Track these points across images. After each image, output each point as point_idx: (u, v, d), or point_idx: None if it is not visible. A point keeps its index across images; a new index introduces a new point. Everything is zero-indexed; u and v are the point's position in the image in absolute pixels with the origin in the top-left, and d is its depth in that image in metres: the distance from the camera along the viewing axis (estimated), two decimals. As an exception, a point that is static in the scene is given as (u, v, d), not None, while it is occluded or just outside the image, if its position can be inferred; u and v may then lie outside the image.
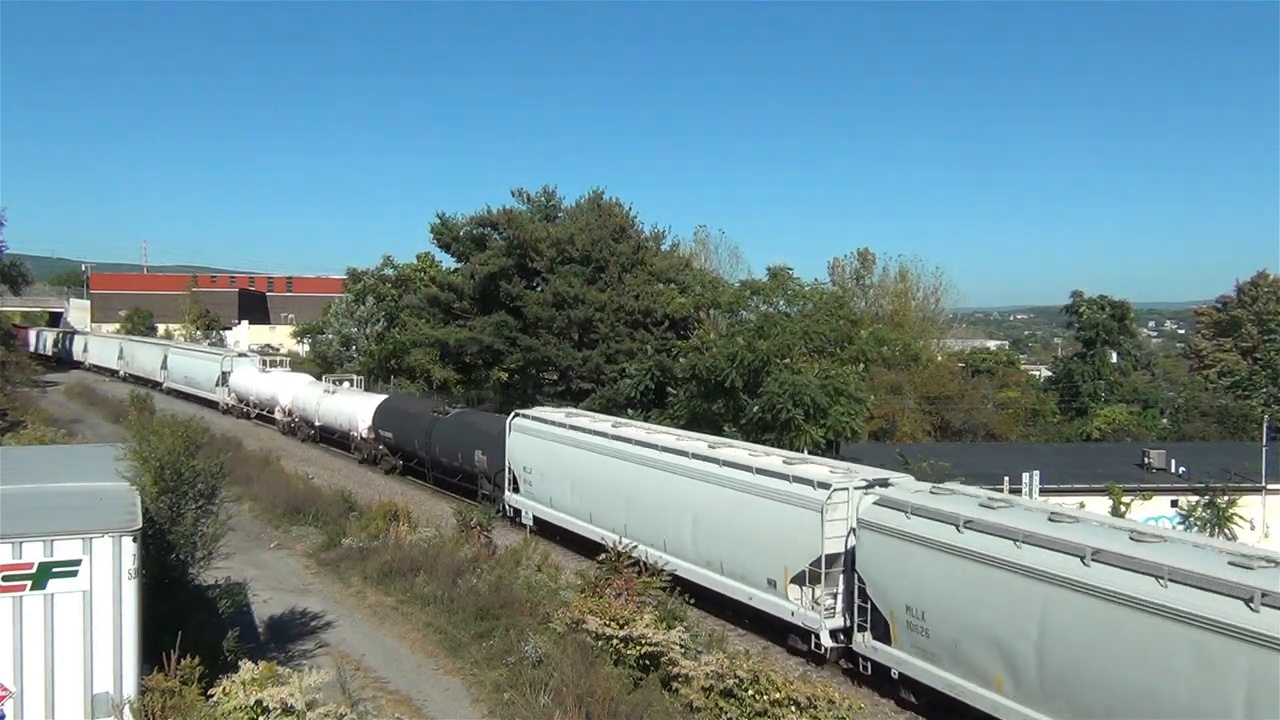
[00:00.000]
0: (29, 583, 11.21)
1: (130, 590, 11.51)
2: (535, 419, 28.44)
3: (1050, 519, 14.92)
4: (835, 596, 18.03)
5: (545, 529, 26.86)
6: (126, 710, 11.32)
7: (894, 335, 43.22)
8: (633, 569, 18.26)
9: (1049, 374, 78.33)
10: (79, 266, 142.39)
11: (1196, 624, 11.88)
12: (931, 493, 17.30)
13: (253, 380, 51.37)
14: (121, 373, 71.74)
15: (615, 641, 15.67)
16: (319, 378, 49.57)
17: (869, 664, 17.15)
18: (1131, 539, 13.67)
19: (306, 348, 77.24)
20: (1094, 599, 13.15)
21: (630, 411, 37.47)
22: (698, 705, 14.31)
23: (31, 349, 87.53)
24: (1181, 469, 46.48)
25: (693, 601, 19.47)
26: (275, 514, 28.35)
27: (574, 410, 31.24)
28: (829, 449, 32.75)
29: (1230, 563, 12.38)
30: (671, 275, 43.44)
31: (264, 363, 55.08)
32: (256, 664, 11.72)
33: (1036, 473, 32.11)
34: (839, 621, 17.97)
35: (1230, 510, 41.64)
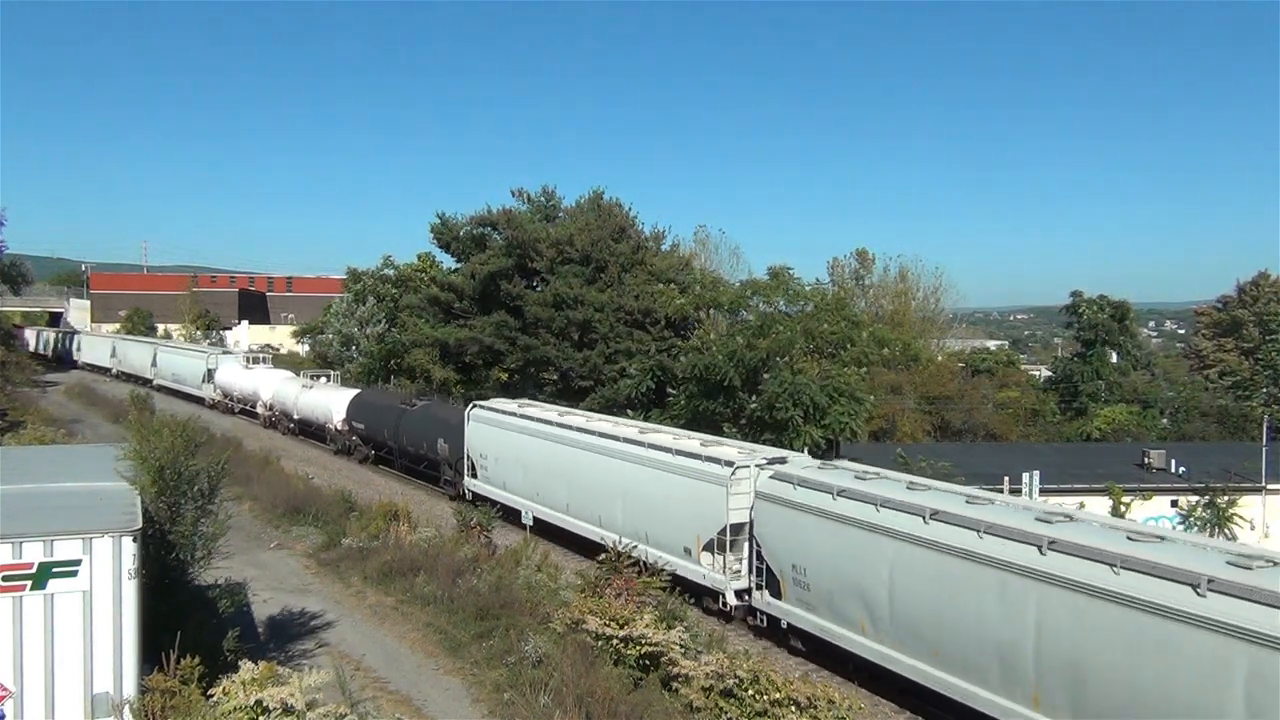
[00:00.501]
0: (29, 583, 11.22)
1: (130, 590, 11.51)
2: (491, 409, 30.75)
3: (908, 487, 17.49)
4: (740, 561, 20.26)
5: (504, 512, 28.00)
6: (126, 710, 11.32)
7: (894, 335, 43.19)
8: (633, 569, 18.28)
9: (1049, 374, 78.30)
10: (79, 266, 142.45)
11: (1001, 567, 14.45)
12: (819, 468, 19.85)
13: (236, 376, 53.22)
14: (114, 370, 73.12)
15: (615, 641, 15.67)
16: (297, 374, 51.30)
17: (765, 618, 19.47)
18: (967, 502, 16.29)
19: (306, 348, 77.25)
20: (930, 551, 15.69)
21: (630, 412, 37.48)
22: (698, 705, 14.31)
23: (31, 349, 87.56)
24: (1181, 469, 46.48)
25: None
26: (275, 514, 28.35)
27: (526, 401, 33.15)
28: (829, 449, 32.75)
29: (1036, 518, 14.94)
30: (671, 275, 43.44)
31: (247, 360, 56.56)
32: (256, 664, 11.72)
33: (1036, 473, 32.13)
34: (743, 583, 20.15)
35: (1230, 510, 41.66)
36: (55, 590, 11.28)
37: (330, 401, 42.23)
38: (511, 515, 27.35)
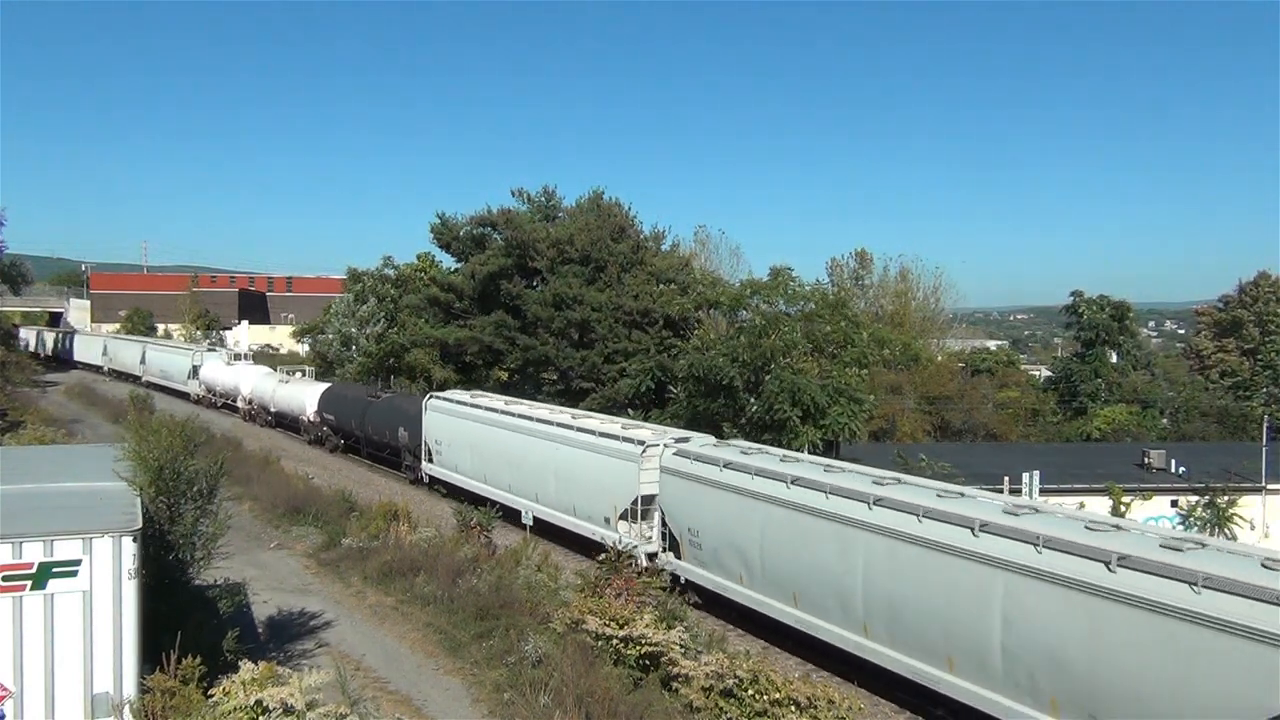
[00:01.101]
0: (29, 583, 11.22)
1: (130, 590, 11.51)
2: (445, 400, 33.50)
3: (781, 460, 20.27)
4: (651, 528, 22.90)
5: (453, 491, 31.46)
6: (126, 710, 11.32)
7: (894, 336, 43.19)
8: (632, 569, 18.28)
9: (1049, 374, 78.29)
10: (79, 266, 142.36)
11: (841, 521, 17.26)
12: (714, 445, 22.74)
13: (219, 373, 55.74)
14: (105, 368, 75.26)
15: (615, 641, 15.67)
16: (290, 373, 53.26)
17: (669, 575, 21.71)
18: (825, 470, 19.02)
19: (306, 348, 77.28)
20: (790, 510, 18.49)
21: (630, 412, 37.49)
22: (698, 705, 14.30)
23: (31, 349, 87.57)
24: (1181, 469, 46.45)
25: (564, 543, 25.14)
26: (275, 514, 28.34)
27: (479, 392, 35.74)
28: (828, 449, 32.75)
29: (873, 481, 17.73)
30: (671, 275, 43.46)
31: (230, 357, 58.97)
32: (256, 664, 11.72)
33: (1036, 473, 32.13)
34: (653, 547, 22.74)
35: (1230, 510, 41.63)
36: (55, 590, 11.28)
37: (303, 395, 44.78)
38: (463, 494, 30.40)
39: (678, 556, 21.83)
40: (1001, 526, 14.82)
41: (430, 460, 33.32)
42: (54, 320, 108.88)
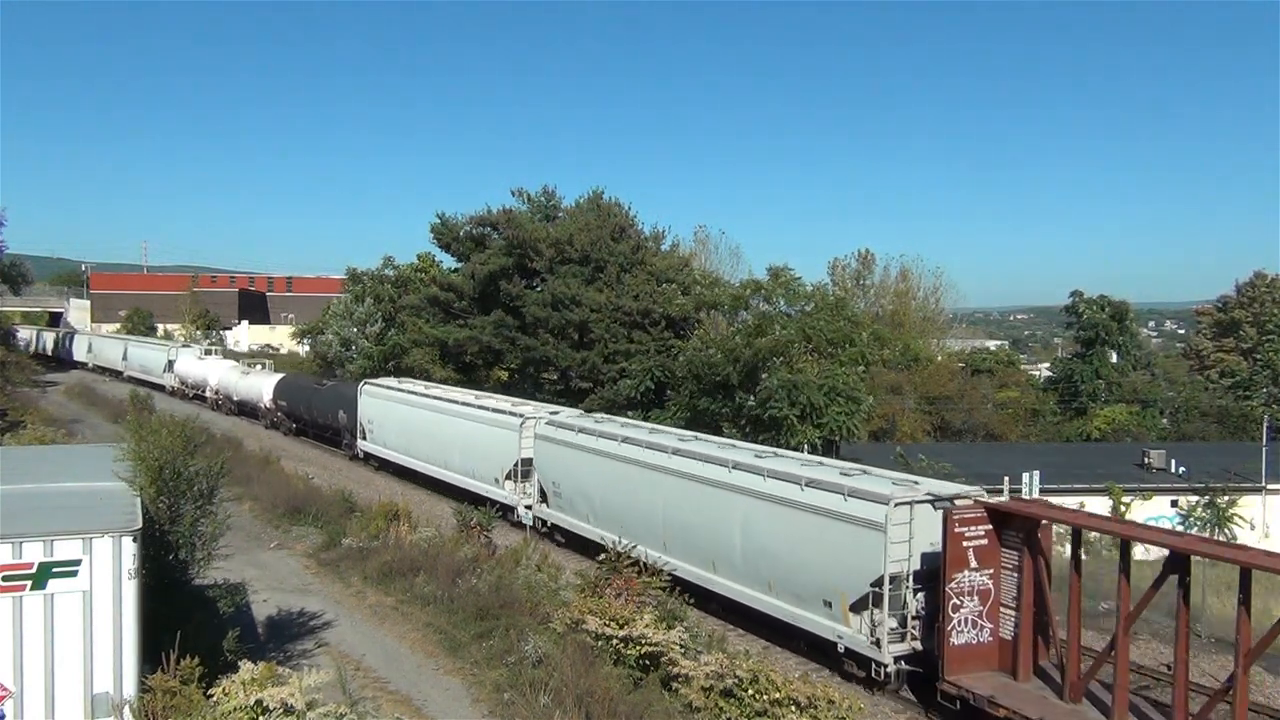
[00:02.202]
0: (29, 583, 11.20)
1: (130, 590, 11.50)
2: (377, 386, 38.93)
3: (621, 426, 26.16)
4: (531, 485, 27.94)
5: (386, 465, 36.98)
6: (126, 710, 11.32)
7: (894, 335, 43.17)
8: (632, 568, 18.28)
9: (1049, 374, 78.28)
10: (79, 266, 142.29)
11: (652, 468, 22.65)
12: (578, 417, 28.50)
13: (191, 366, 60.53)
14: (90, 364, 79.84)
15: (615, 641, 15.67)
16: (251, 366, 58.37)
17: (541, 521, 27.24)
18: (650, 432, 25.13)
19: (306, 348, 77.31)
20: (619, 462, 23.80)
21: (630, 412, 37.50)
22: (697, 705, 14.30)
23: (31, 349, 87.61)
24: (1181, 469, 46.46)
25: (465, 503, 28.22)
26: (275, 514, 28.33)
27: (406, 380, 41.17)
28: (828, 449, 32.75)
29: (679, 439, 23.82)
30: (671, 275, 43.46)
31: (201, 352, 63.80)
32: (256, 664, 11.71)
33: (1036, 473, 32.00)
34: (530, 500, 27.88)
35: (1230, 510, 41.63)
36: (55, 590, 11.27)
37: (261, 385, 49.89)
38: (390, 466, 36.53)
39: (547, 506, 27.24)
40: (747, 464, 20.19)
41: (364, 438, 38.53)
42: (54, 320, 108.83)
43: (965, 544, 16.01)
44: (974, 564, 16.09)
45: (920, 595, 16.61)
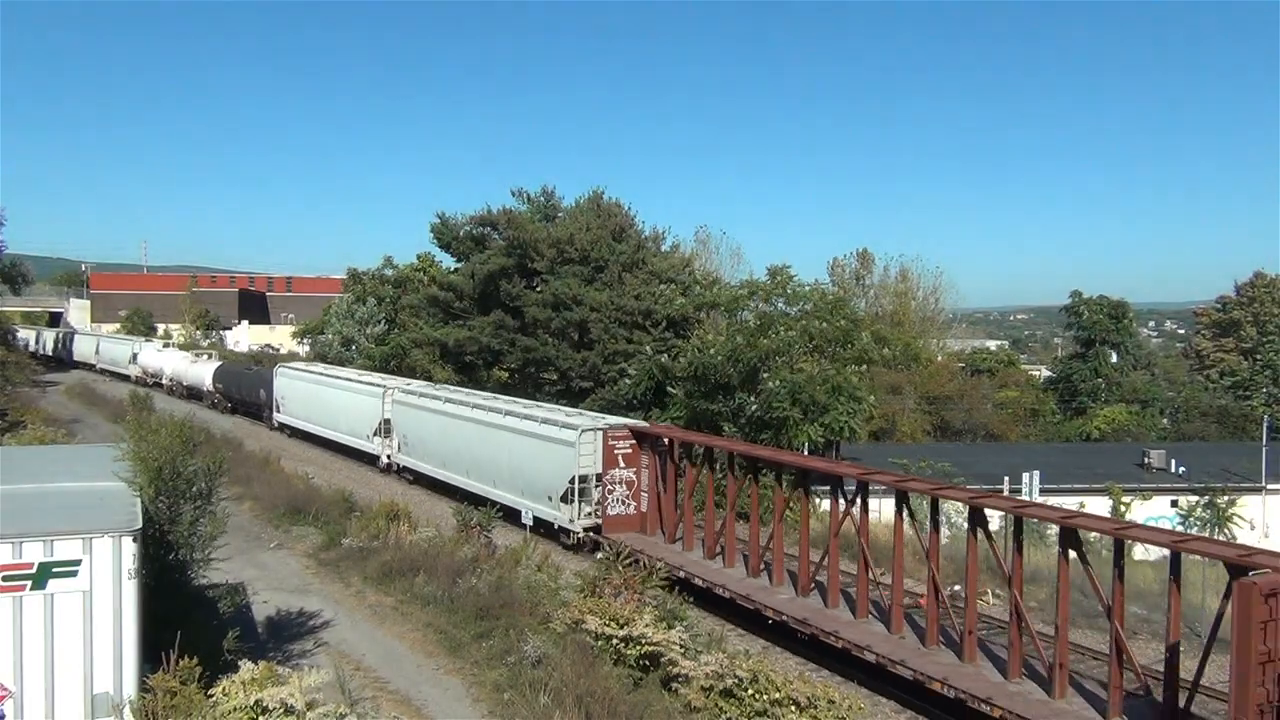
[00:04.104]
0: (29, 583, 11.20)
1: (130, 590, 11.50)
2: (288, 368, 49.32)
3: (446, 392, 35.26)
4: (392, 439, 36.79)
5: (296, 433, 45.47)
6: (126, 710, 11.32)
7: (894, 335, 43.16)
8: (631, 568, 18.29)
9: (1049, 374, 78.30)
10: (79, 266, 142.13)
11: (462, 419, 31.67)
12: (423, 386, 38.21)
13: (151, 358, 68.30)
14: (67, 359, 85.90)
15: (615, 641, 15.67)
16: (198, 356, 65.61)
17: (400, 466, 36.14)
18: (466, 395, 33.81)
19: (307, 348, 77.36)
20: (444, 417, 32.90)
21: (630, 413, 37.49)
22: (697, 705, 14.29)
23: (31, 349, 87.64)
24: (1181, 469, 46.46)
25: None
26: (275, 514, 28.33)
27: (315, 364, 53.63)
28: (828, 449, 32.74)
29: (481, 399, 32.49)
30: (672, 275, 43.43)
31: (160, 345, 72.63)
32: (256, 664, 11.72)
33: (1036, 473, 32.02)
34: (392, 450, 36.84)
35: (1230, 510, 41.61)
36: (55, 590, 11.27)
37: (204, 372, 58.26)
38: (298, 433, 45.32)
39: (400, 454, 36.23)
40: (512, 413, 29.50)
41: (278, 411, 47.28)
42: (54, 320, 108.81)
43: (616, 452, 25.50)
44: (622, 464, 25.59)
45: (598, 488, 25.33)
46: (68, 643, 11.29)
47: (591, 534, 25.04)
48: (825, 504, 26.95)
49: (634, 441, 25.51)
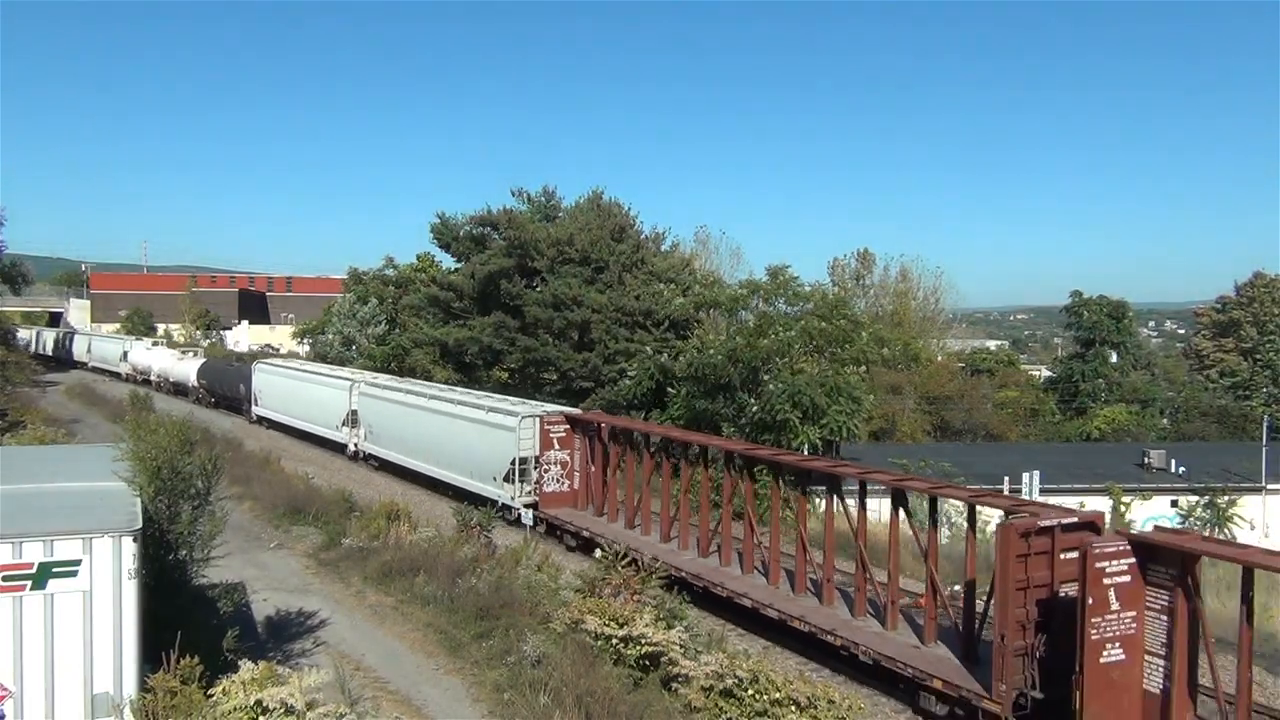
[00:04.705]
0: (29, 583, 11.20)
1: (130, 590, 11.49)
2: (266, 364, 52.91)
3: (406, 384, 38.93)
4: (359, 429, 39.19)
5: (273, 425, 48.07)
6: (127, 710, 11.32)
7: (894, 335, 43.15)
8: (630, 568, 18.28)
9: (1049, 374, 78.29)
10: (79, 266, 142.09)
11: (421, 409, 34.43)
12: (387, 379, 41.76)
13: (141, 356, 70.78)
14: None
15: (615, 641, 15.66)
16: (184, 354, 68.71)
17: (366, 454, 38.66)
18: (425, 388, 37.27)
19: (307, 348, 77.37)
20: (405, 407, 35.47)
21: (631, 412, 37.49)
22: (697, 705, 14.29)
23: (31, 349, 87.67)
24: (1181, 469, 46.44)
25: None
26: (275, 514, 28.32)
27: (290, 359, 59.63)
28: (828, 449, 32.73)
29: (439, 390, 36.38)
30: (672, 275, 43.43)
31: (150, 344, 74.80)
32: (256, 664, 11.71)
33: (1036, 473, 32.09)
34: (359, 439, 39.23)
35: (1230, 510, 41.61)
36: (55, 590, 11.26)
37: (189, 369, 61.08)
38: (275, 425, 47.83)
39: (367, 442, 38.68)
40: (463, 403, 32.52)
41: (257, 405, 49.76)
42: (54, 320, 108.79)
43: (551, 436, 27.89)
44: (557, 447, 27.92)
45: (536, 469, 27.92)
46: (68, 643, 11.28)
47: (530, 509, 27.58)
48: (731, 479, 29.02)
49: (568, 426, 28.09)
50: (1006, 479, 36.47)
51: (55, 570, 11.27)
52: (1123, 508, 40.99)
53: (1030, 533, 14.59)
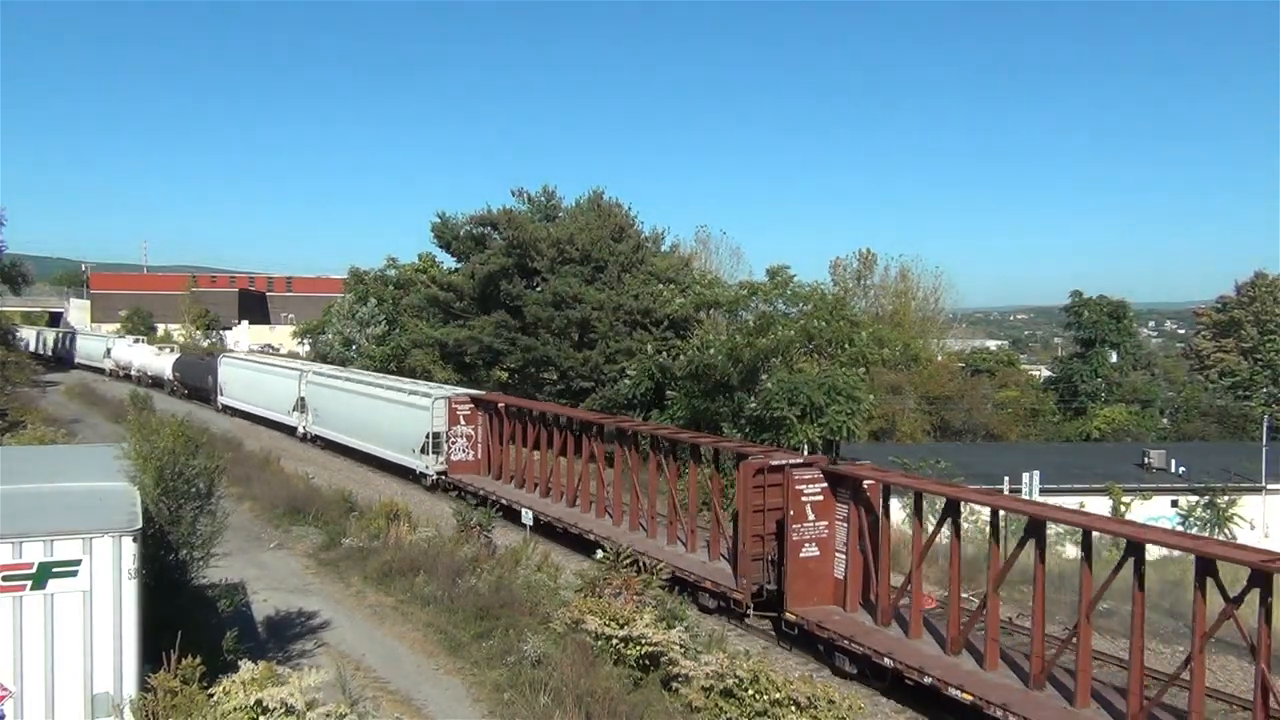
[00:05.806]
0: (29, 583, 11.19)
1: (130, 590, 11.49)
2: (230, 357, 58.70)
3: (345, 373, 45.34)
4: (307, 413, 43.89)
5: (236, 412, 52.26)
6: (127, 710, 11.32)
7: (894, 335, 43.14)
8: (631, 568, 18.30)
9: (1049, 374, 78.26)
10: (79, 266, 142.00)
11: (353, 393, 40.82)
12: (330, 368, 47.68)
13: (123, 352, 74.96)
14: (49, 355, 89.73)
15: (615, 641, 15.66)
16: (161, 349, 72.89)
17: (312, 435, 43.29)
18: (361, 374, 45.52)
19: (307, 348, 77.35)
20: (342, 392, 41.24)
21: (630, 412, 37.50)
22: (697, 705, 14.29)
23: (31, 349, 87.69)
24: (1181, 469, 46.41)
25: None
26: (275, 514, 28.31)
27: (251, 354, 65.46)
28: (827, 448, 32.74)
29: (371, 376, 45.58)
30: (671, 275, 43.45)
31: (131, 341, 78.29)
32: (256, 664, 11.71)
33: (1036, 473, 32.03)
34: (307, 423, 43.98)
35: (1230, 510, 41.60)
36: (55, 590, 11.25)
37: (165, 363, 66.02)
38: (240, 414, 51.91)
39: (313, 425, 43.38)
40: (390, 387, 37.91)
41: (222, 395, 54.48)
42: (54, 320, 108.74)
43: (459, 413, 32.66)
44: (462, 422, 32.64)
45: (447, 442, 32.76)
46: (68, 643, 11.28)
47: (441, 475, 32.94)
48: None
49: (473, 406, 32.95)
50: (1006, 479, 36.43)
51: (55, 570, 11.26)
52: (1123, 508, 40.98)
53: (764, 469, 19.90)
